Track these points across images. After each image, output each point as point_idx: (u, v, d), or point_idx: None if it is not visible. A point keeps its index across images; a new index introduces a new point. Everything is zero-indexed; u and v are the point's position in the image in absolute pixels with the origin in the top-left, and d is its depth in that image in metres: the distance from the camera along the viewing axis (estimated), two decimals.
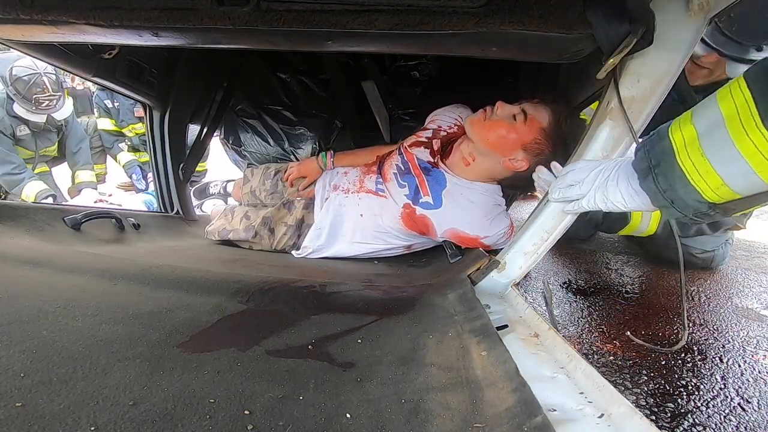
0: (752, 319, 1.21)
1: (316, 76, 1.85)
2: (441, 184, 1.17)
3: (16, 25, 0.79)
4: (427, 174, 1.20)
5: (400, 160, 1.25)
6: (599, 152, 0.71)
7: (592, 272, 1.62)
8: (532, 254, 0.80)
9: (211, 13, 0.71)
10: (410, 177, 1.21)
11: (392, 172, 1.24)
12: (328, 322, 0.68)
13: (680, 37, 0.61)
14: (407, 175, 1.21)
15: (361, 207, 1.25)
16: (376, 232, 1.24)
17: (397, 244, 1.27)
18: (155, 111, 1.52)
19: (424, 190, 1.17)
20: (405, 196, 1.18)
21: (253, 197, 1.55)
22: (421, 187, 1.18)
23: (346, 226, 1.26)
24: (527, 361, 0.54)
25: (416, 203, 1.17)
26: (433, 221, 1.15)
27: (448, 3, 0.64)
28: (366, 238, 1.25)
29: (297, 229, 1.33)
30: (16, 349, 0.50)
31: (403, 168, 1.23)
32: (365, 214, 1.24)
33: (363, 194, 1.26)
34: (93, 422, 0.39)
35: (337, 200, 1.28)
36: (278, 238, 1.33)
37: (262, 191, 1.53)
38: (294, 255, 1.31)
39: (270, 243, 1.34)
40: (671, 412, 0.81)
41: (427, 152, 1.24)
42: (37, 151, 2.78)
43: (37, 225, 1.04)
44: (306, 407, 0.45)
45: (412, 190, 1.18)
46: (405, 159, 1.25)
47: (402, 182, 1.21)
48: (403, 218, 1.19)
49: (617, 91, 0.67)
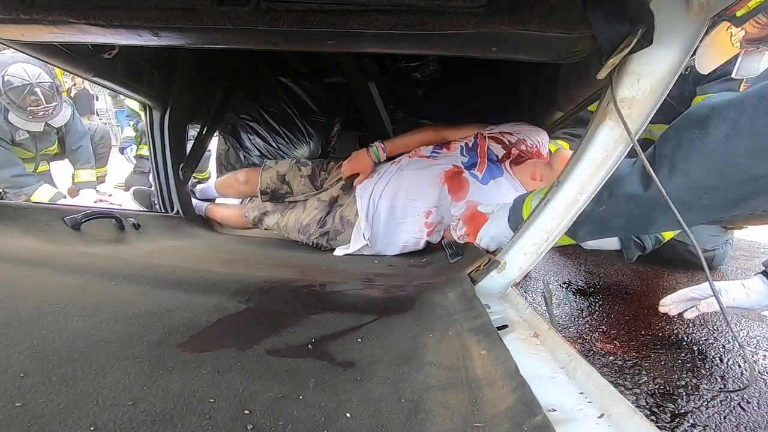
0: (752, 319, 1.21)
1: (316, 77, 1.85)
2: (497, 172, 1.29)
3: (16, 25, 0.79)
4: (490, 163, 1.32)
5: (472, 141, 1.37)
6: (599, 152, 0.71)
7: (592, 272, 1.62)
8: (532, 254, 0.80)
9: (211, 13, 0.70)
10: (474, 154, 1.33)
11: (459, 145, 1.36)
12: (328, 321, 0.68)
13: (680, 37, 0.61)
14: (472, 152, 1.34)
15: (401, 164, 1.36)
16: (409, 185, 1.31)
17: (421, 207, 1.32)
18: (155, 111, 1.52)
19: (480, 168, 1.30)
20: (461, 162, 1.32)
21: (280, 181, 1.56)
22: (479, 165, 1.31)
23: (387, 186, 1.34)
24: (527, 361, 0.54)
25: (468, 170, 1.30)
26: (470, 188, 1.26)
27: (448, 3, 0.64)
28: (397, 194, 1.32)
29: (328, 206, 1.41)
30: (16, 349, 0.50)
31: (471, 146, 1.36)
32: (405, 170, 1.34)
33: (415, 158, 1.37)
34: (93, 422, 0.39)
35: (382, 172, 1.39)
36: (308, 211, 1.41)
37: (296, 176, 1.55)
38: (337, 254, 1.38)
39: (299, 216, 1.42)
40: (671, 412, 0.81)
41: (500, 149, 1.35)
42: (37, 152, 2.77)
43: (37, 225, 1.04)
44: (306, 407, 0.45)
45: (470, 162, 1.32)
46: (477, 142, 1.35)
47: (465, 154, 1.34)
48: (446, 173, 1.29)
49: (612, 92, 0.67)
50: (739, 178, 0.63)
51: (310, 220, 1.39)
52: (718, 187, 0.65)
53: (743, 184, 0.63)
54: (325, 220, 1.38)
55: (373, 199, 1.34)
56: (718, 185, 0.65)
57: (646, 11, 0.58)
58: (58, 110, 2.59)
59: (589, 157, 0.71)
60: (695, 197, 0.67)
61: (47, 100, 2.46)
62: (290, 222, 1.42)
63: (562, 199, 0.75)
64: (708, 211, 0.69)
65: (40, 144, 2.75)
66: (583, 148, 0.73)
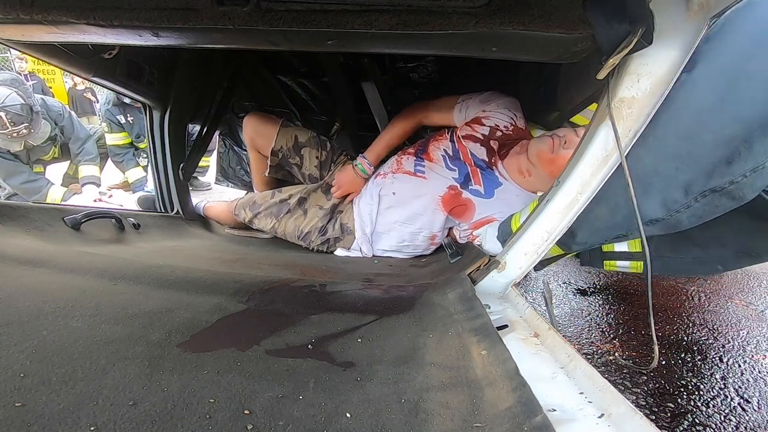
0: (752, 319, 1.21)
1: (316, 77, 1.85)
2: (495, 183, 1.22)
3: (16, 25, 0.79)
4: (481, 170, 1.24)
5: (451, 147, 1.28)
6: (599, 152, 0.71)
7: (592, 272, 1.62)
8: (532, 254, 0.80)
9: (211, 13, 0.70)
10: (461, 164, 1.24)
11: (440, 154, 1.27)
12: (328, 321, 0.68)
13: (680, 37, 0.61)
14: (457, 161, 1.25)
15: (395, 185, 1.28)
16: (408, 212, 1.26)
17: (425, 233, 1.28)
18: (155, 111, 1.52)
19: (476, 180, 1.22)
20: (453, 179, 1.23)
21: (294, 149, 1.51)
22: (473, 176, 1.23)
23: (381, 206, 1.30)
24: (527, 361, 0.54)
25: (465, 188, 1.22)
26: (476, 206, 1.20)
27: (448, 3, 0.64)
28: (399, 218, 1.28)
29: (329, 213, 1.38)
30: (15, 349, 0.50)
31: (452, 155, 1.26)
32: (398, 193, 1.27)
33: (399, 175, 1.29)
34: (93, 422, 0.39)
35: (374, 185, 1.33)
36: (309, 218, 1.38)
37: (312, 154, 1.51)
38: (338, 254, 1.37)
39: (300, 224, 1.39)
40: (671, 412, 0.81)
41: (483, 150, 1.25)
42: (30, 162, 2.78)
43: (37, 225, 1.04)
44: (306, 407, 0.45)
45: (462, 175, 1.23)
46: (456, 148, 1.27)
47: (452, 166, 1.24)
48: (444, 198, 1.22)
49: (608, 93, 0.67)
50: (710, 138, 0.63)
51: (311, 228, 1.37)
52: (691, 152, 0.65)
53: (716, 147, 0.63)
54: (326, 228, 1.37)
55: (371, 215, 1.30)
56: (691, 150, 0.65)
57: (646, 11, 0.58)
58: (35, 129, 2.54)
59: (589, 157, 0.71)
60: (672, 169, 0.67)
61: (15, 123, 2.42)
62: (289, 228, 1.40)
63: (562, 199, 0.75)
64: (689, 188, 0.67)
65: (32, 154, 2.77)
66: (583, 148, 0.72)
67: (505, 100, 1.31)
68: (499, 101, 1.31)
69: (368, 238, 1.32)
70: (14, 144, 2.54)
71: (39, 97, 2.77)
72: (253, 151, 1.61)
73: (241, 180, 2.25)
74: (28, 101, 2.49)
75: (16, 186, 2.66)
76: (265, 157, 1.53)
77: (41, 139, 2.65)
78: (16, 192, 2.70)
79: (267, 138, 1.50)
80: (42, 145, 2.75)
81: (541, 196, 0.80)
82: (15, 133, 2.44)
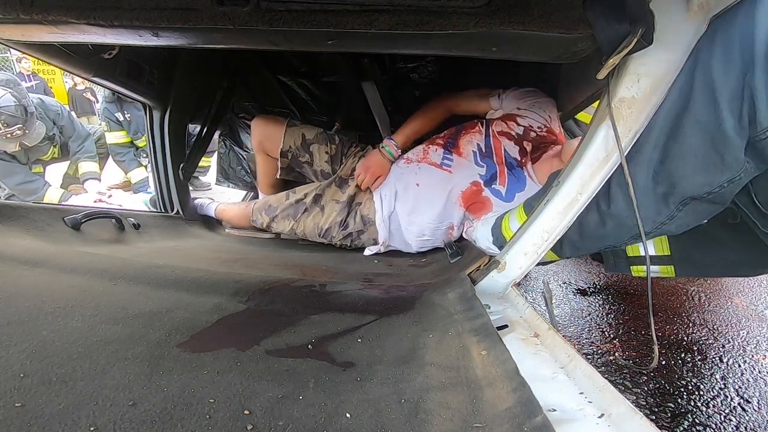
0: (752, 319, 1.21)
1: (316, 77, 1.85)
2: (520, 184, 1.19)
3: (16, 25, 0.79)
4: (510, 169, 1.21)
5: (484, 142, 1.25)
6: (599, 152, 0.71)
7: (592, 272, 1.62)
8: (532, 254, 0.80)
9: (211, 13, 0.70)
10: (490, 162, 1.22)
11: (471, 149, 1.25)
12: (328, 321, 0.68)
13: (680, 37, 0.61)
14: (487, 158, 1.22)
15: (418, 176, 1.27)
16: (428, 205, 1.25)
17: (444, 224, 1.28)
18: (155, 111, 1.52)
19: (502, 180, 1.20)
20: (479, 175, 1.21)
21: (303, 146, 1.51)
22: (499, 176, 1.21)
23: (403, 194, 1.28)
24: (527, 361, 0.54)
25: (488, 186, 1.20)
26: (493, 206, 1.19)
27: (448, 3, 0.64)
28: (419, 208, 1.27)
29: (347, 205, 1.36)
30: (15, 349, 0.50)
31: (485, 150, 1.24)
32: (422, 184, 1.26)
33: (424, 165, 1.27)
34: (92, 422, 0.39)
35: (397, 170, 1.30)
36: (327, 214, 1.36)
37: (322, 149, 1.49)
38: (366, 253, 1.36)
39: (319, 221, 1.37)
40: (671, 412, 0.81)
41: (516, 149, 1.24)
42: (29, 162, 2.78)
43: (37, 225, 1.04)
44: (306, 407, 0.45)
45: (489, 173, 1.21)
46: (491, 143, 1.24)
47: (481, 162, 1.22)
48: (465, 193, 1.21)
49: (608, 93, 0.67)
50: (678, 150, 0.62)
51: (331, 224, 1.35)
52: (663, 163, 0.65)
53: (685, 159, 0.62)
54: (347, 222, 1.35)
55: (389, 202, 1.30)
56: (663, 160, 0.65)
57: (646, 11, 0.57)
58: (30, 130, 2.53)
59: (589, 157, 0.71)
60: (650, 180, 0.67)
61: (8, 124, 2.41)
62: (308, 227, 1.38)
63: (562, 199, 0.75)
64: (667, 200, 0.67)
65: (30, 155, 2.76)
66: (583, 148, 0.72)
67: (541, 101, 1.30)
68: (536, 100, 1.29)
69: (387, 223, 1.31)
70: (9, 145, 2.53)
71: (37, 96, 2.76)
72: (260, 154, 1.60)
73: (241, 180, 2.25)
74: (23, 102, 2.48)
75: (12, 186, 2.64)
76: (274, 160, 1.53)
77: (36, 140, 2.64)
78: (13, 193, 2.69)
79: (275, 140, 1.50)
80: (40, 145, 2.74)
81: (542, 197, 0.80)
82: (9, 134, 2.43)
